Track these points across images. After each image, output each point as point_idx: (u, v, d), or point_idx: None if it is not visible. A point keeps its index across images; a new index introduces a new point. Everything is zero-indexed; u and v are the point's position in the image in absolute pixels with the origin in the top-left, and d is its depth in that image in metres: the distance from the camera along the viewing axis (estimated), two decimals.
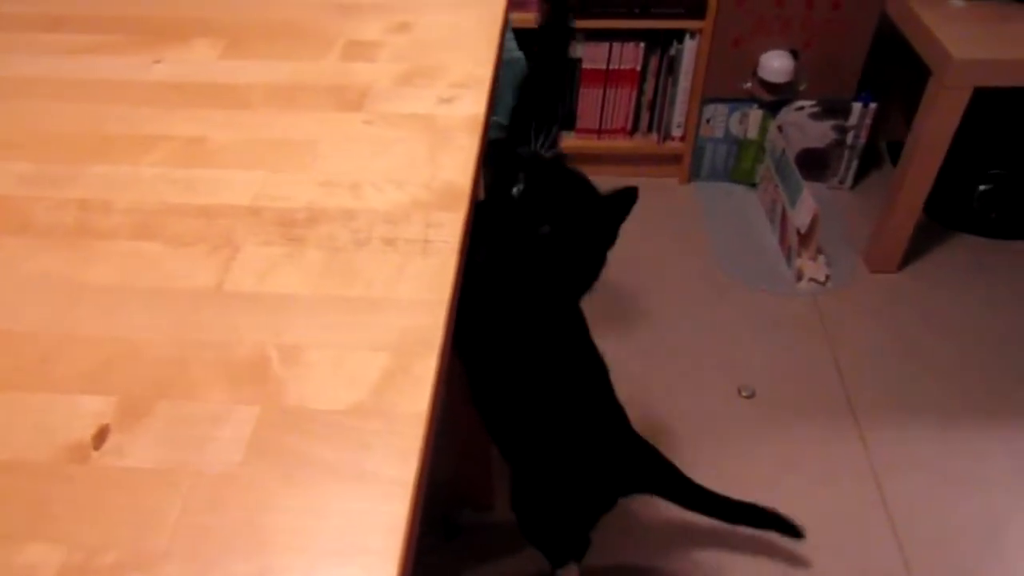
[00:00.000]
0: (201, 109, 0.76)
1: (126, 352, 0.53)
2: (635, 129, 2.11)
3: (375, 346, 0.52)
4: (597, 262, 0.94)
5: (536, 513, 1.19)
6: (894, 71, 2.04)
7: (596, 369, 1.06)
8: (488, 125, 0.74)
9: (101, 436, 0.47)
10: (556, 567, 1.27)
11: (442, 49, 0.84)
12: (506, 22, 0.89)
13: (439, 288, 0.55)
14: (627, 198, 0.92)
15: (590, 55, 1.97)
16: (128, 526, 0.43)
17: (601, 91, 2.03)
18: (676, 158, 2.13)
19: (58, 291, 0.57)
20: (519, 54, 1.39)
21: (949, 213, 2.03)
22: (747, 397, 1.63)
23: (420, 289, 0.56)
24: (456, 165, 0.67)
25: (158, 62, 0.83)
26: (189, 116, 0.75)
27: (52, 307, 0.56)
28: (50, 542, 0.42)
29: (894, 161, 2.15)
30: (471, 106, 0.74)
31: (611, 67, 1.99)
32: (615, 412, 1.10)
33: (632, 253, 2.00)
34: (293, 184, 0.66)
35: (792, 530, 1.28)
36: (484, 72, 0.79)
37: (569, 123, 2.09)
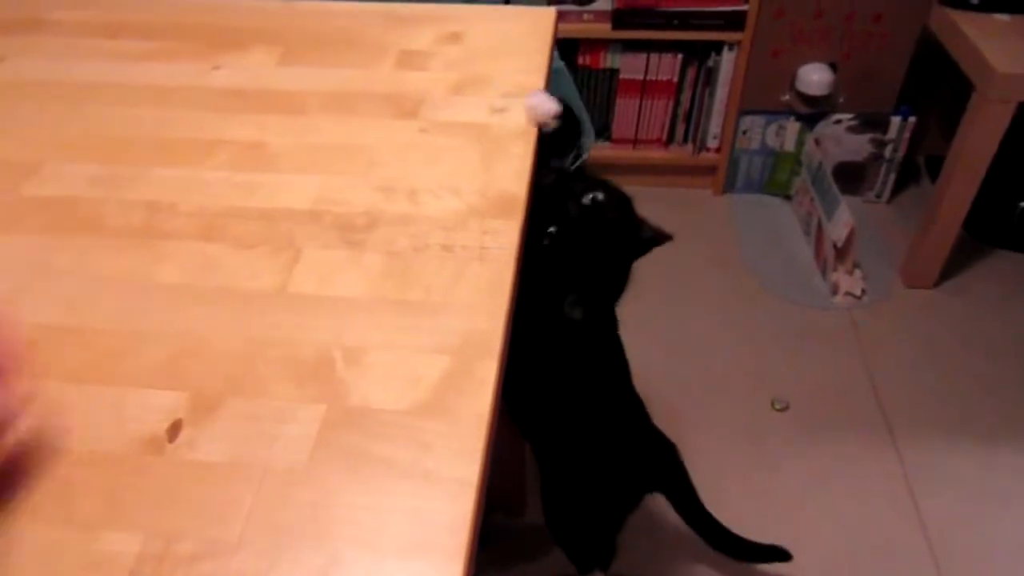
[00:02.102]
0: (260, 114, 0.78)
1: (195, 349, 0.54)
2: (671, 140, 2.12)
3: (435, 349, 0.53)
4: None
5: (563, 509, 1.20)
6: (934, 85, 2.03)
7: (621, 363, 1.07)
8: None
9: (175, 430, 0.49)
10: (582, 573, 1.27)
11: (493, 58, 0.85)
12: (555, 32, 0.91)
13: (497, 294, 0.57)
14: (660, 240, 0.91)
15: (628, 65, 1.98)
16: (202, 517, 0.45)
17: (638, 101, 2.04)
18: (711, 169, 2.13)
19: (128, 289, 0.59)
20: (560, 64, 1.40)
21: (988, 229, 2.00)
22: (780, 410, 1.63)
23: (478, 294, 0.57)
24: (510, 174, 0.68)
25: (217, 68, 0.86)
26: (248, 121, 0.77)
27: (123, 304, 0.58)
28: (128, 531, 0.44)
29: (932, 176, 2.13)
30: (521, 117, 0.75)
31: (648, 78, 2.00)
32: (637, 406, 1.11)
33: (666, 264, 2.00)
34: (351, 189, 0.68)
35: (781, 555, 1.27)
36: (535, 81, 0.80)
37: (605, 133, 2.10)
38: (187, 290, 0.59)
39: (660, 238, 0.94)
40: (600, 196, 0.83)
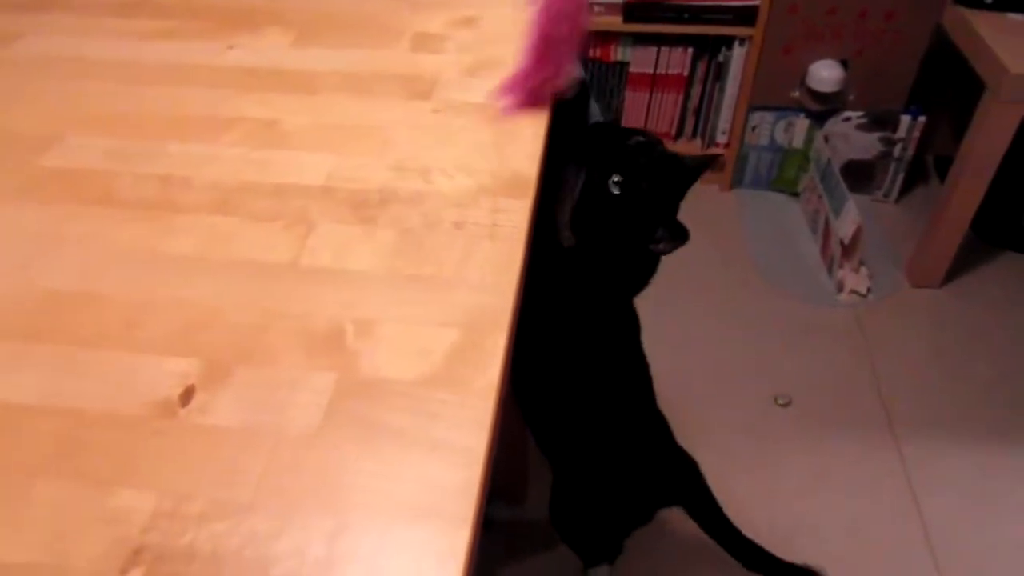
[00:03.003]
0: (274, 93, 0.79)
1: (207, 318, 0.55)
2: (679, 134, 2.12)
3: (446, 322, 0.54)
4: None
5: (573, 517, 1.20)
6: (945, 84, 2.02)
7: (642, 376, 1.07)
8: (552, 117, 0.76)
9: (187, 395, 0.50)
10: (588, 567, 1.28)
11: (506, 42, 0.85)
12: None
13: (507, 270, 0.57)
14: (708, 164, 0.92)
15: (638, 59, 1.98)
16: (213, 479, 0.45)
17: (647, 95, 2.04)
18: (719, 165, 2.13)
19: (142, 259, 0.60)
20: None
21: (996, 231, 2.00)
22: (783, 405, 1.63)
23: (488, 271, 0.57)
24: (522, 155, 0.69)
25: (231, 48, 0.86)
26: (263, 100, 0.78)
27: (137, 274, 0.59)
28: (141, 489, 0.45)
29: (941, 176, 2.13)
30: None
31: (658, 72, 2.00)
32: (658, 421, 1.11)
33: (671, 259, 2.00)
34: (365, 167, 0.68)
35: None
36: None
37: None
38: (201, 261, 0.60)
39: (708, 161, 0.94)
40: (641, 137, 0.85)
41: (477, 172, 0.67)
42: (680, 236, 0.89)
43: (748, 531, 1.37)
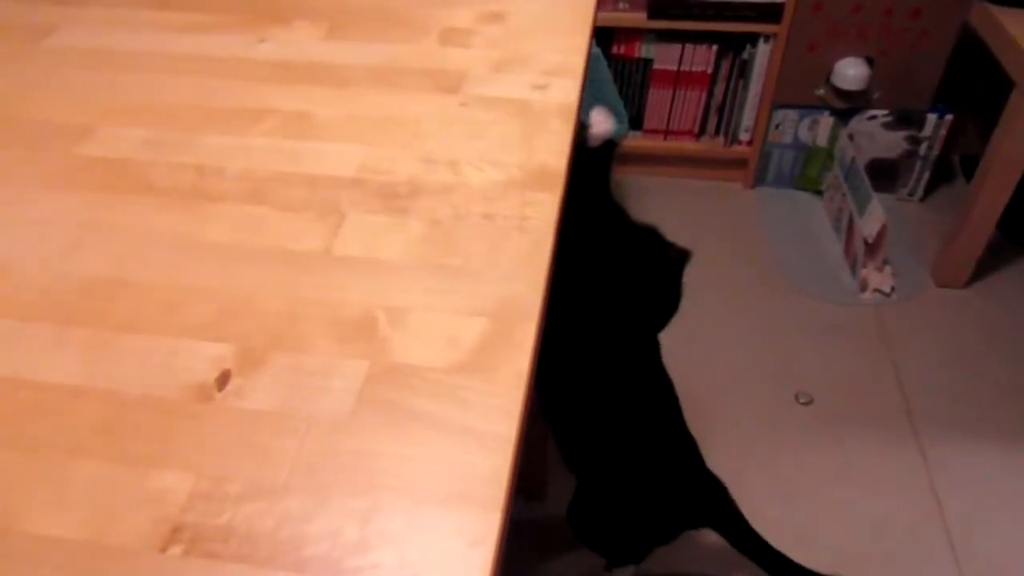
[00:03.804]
0: (305, 86, 0.80)
1: (241, 305, 0.56)
2: (702, 132, 2.12)
3: (475, 312, 0.54)
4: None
5: (595, 531, 1.21)
6: (971, 82, 2.00)
7: (670, 399, 1.08)
8: (580, 113, 0.76)
9: (224, 379, 0.51)
10: (612, 567, 1.28)
11: (534, 37, 0.86)
12: (595, 15, 0.91)
13: (536, 261, 0.58)
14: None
15: (661, 55, 1.98)
16: (250, 461, 0.46)
17: (671, 92, 2.04)
18: (742, 162, 2.13)
19: (177, 247, 0.61)
20: (597, 49, 1.41)
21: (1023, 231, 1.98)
22: (804, 404, 1.63)
23: (518, 262, 0.58)
24: (550, 149, 0.69)
25: (263, 41, 0.87)
26: (294, 92, 0.79)
27: (172, 261, 0.60)
28: (180, 470, 0.46)
29: (967, 175, 2.11)
30: (563, 93, 0.76)
31: (682, 68, 2.00)
32: (688, 444, 1.12)
33: (693, 257, 2.00)
34: (394, 159, 0.69)
35: None
36: (576, 61, 0.81)
37: (637, 123, 2.10)
38: (234, 249, 0.61)
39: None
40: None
41: (505, 165, 0.68)
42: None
43: (767, 528, 1.37)
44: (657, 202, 2.11)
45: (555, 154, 0.69)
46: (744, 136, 2.08)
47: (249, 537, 0.43)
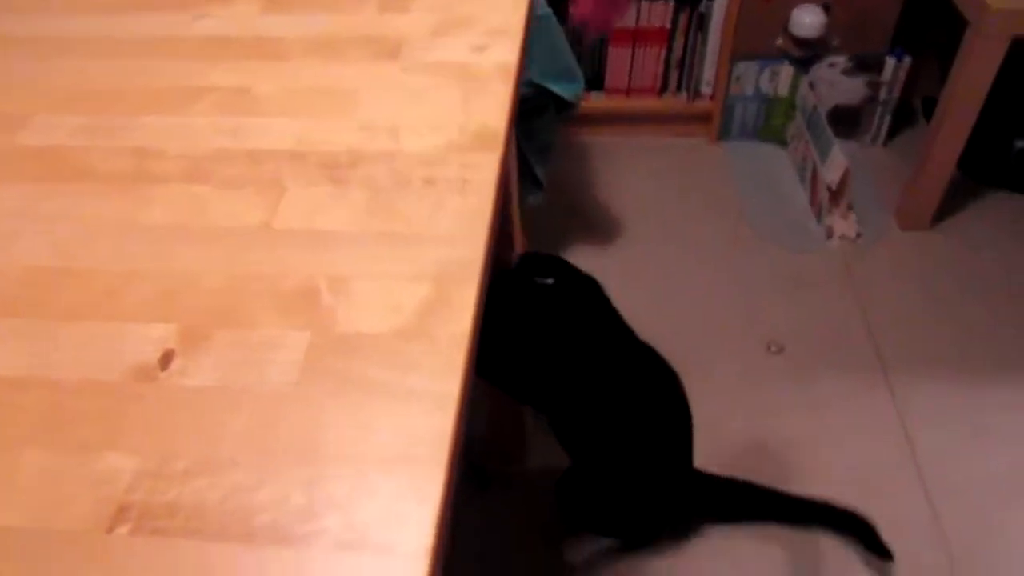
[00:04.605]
0: (244, 61, 0.79)
1: (184, 285, 0.56)
2: (664, 88, 2.11)
3: (418, 276, 0.55)
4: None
5: (582, 508, 1.27)
6: (929, 24, 2.01)
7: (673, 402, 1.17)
8: (521, 73, 0.76)
9: (166, 359, 0.51)
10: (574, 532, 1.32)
11: (472, 1, 0.85)
12: None
13: (477, 224, 0.58)
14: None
15: None
16: (195, 438, 0.47)
17: (630, 50, 2.03)
18: (705, 117, 2.12)
19: (119, 231, 0.61)
20: (548, 10, 1.39)
21: (985, 169, 2.00)
22: (776, 353, 1.65)
23: (459, 225, 0.58)
24: (490, 110, 0.69)
25: (200, 18, 0.86)
26: (233, 68, 0.78)
27: (114, 246, 0.60)
28: (125, 452, 0.46)
29: (928, 117, 2.12)
30: (503, 54, 0.76)
31: (639, 25, 1.98)
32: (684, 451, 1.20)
33: (662, 214, 2.01)
34: (335, 130, 0.69)
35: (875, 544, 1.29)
36: (516, 21, 0.80)
37: (598, 83, 2.09)
38: (176, 229, 0.61)
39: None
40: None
41: (446, 129, 0.67)
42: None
43: (744, 476, 1.40)
44: (623, 162, 2.11)
45: (495, 116, 0.68)
46: (706, 90, 2.08)
47: (197, 511, 0.43)
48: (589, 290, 1.07)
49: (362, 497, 0.43)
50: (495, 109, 0.69)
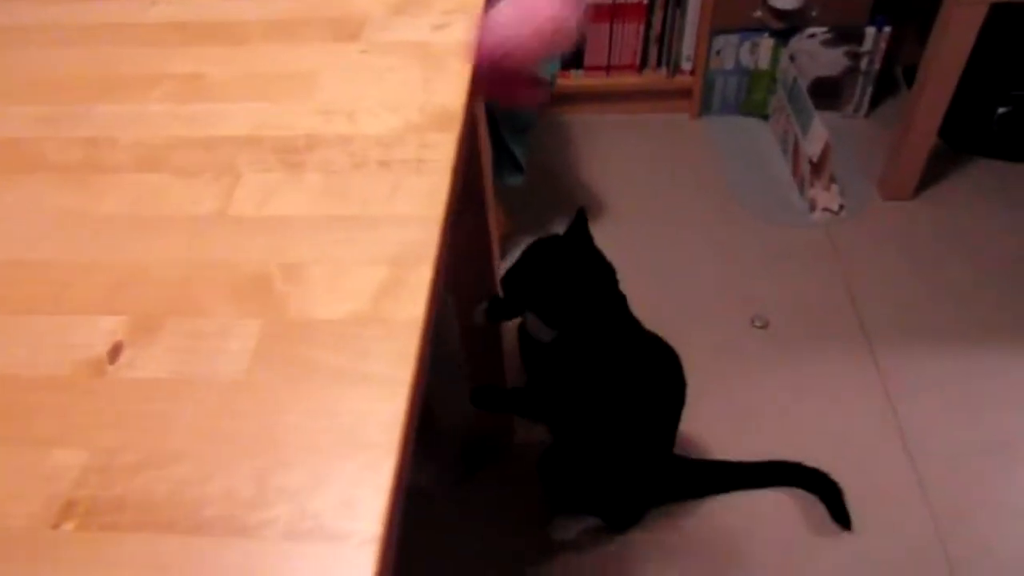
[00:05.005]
0: (201, 47, 0.77)
1: (136, 276, 0.55)
2: (644, 64, 2.09)
3: (372, 260, 0.54)
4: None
5: (568, 492, 1.28)
6: None
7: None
8: None
9: (115, 352, 0.50)
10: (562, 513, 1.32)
11: None
12: None
13: (433, 204, 0.57)
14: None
15: None
16: (144, 431, 0.46)
17: (608, 26, 2.00)
18: (686, 92, 2.11)
19: (71, 223, 0.60)
20: None
21: (967, 138, 1.99)
22: (760, 327, 1.64)
23: (415, 206, 0.57)
24: (449, 89, 0.68)
25: (155, 4, 0.84)
26: (189, 54, 0.76)
27: (66, 238, 0.59)
28: (74, 447, 0.45)
29: (911, 87, 2.11)
30: (463, 31, 0.74)
31: (617, 0, 1.96)
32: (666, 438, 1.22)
33: (645, 191, 2.00)
34: (291, 114, 0.68)
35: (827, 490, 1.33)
36: None
37: (577, 61, 2.07)
38: (130, 220, 0.60)
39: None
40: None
41: (404, 109, 0.66)
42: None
43: (729, 450, 1.41)
44: (604, 140, 2.09)
45: (454, 94, 0.67)
46: (686, 65, 2.06)
47: (145, 505, 0.42)
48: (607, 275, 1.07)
49: (313, 486, 0.43)
50: (454, 88, 0.68)
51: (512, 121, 1.50)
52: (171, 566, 0.40)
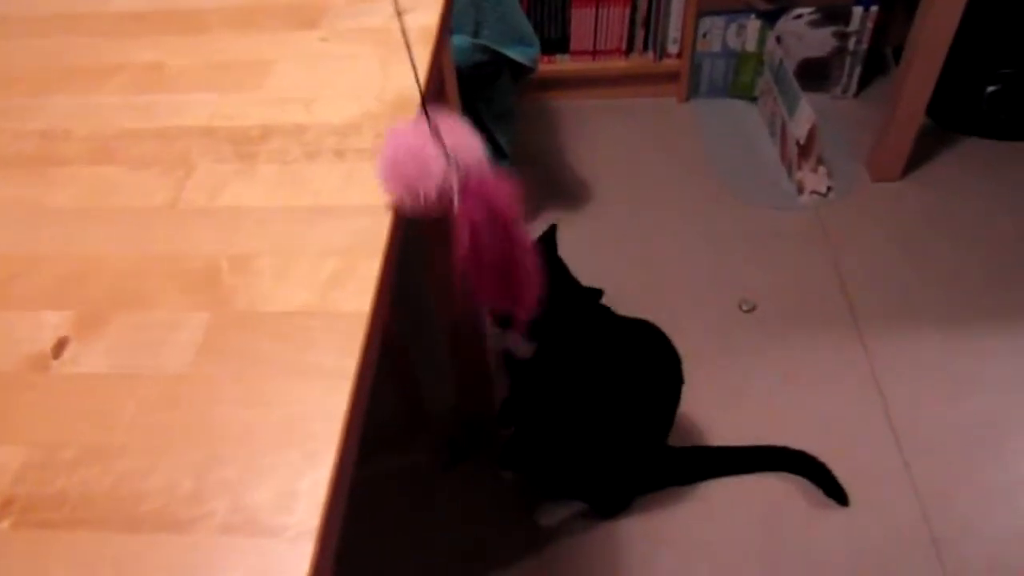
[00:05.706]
0: (159, 36, 0.76)
1: (85, 269, 0.54)
2: (631, 48, 2.07)
3: (322, 251, 0.53)
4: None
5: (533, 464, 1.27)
6: None
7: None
8: (444, 36, 0.74)
9: (60, 347, 0.49)
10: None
11: None
12: None
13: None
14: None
15: None
16: (86, 426, 0.45)
17: (593, 10, 1.99)
18: (673, 76, 2.09)
19: (22, 216, 0.59)
20: None
21: (955, 117, 1.98)
22: (748, 311, 1.64)
23: (368, 196, 0.56)
24: (407, 77, 0.67)
25: None
26: (148, 44, 0.76)
27: (16, 231, 0.58)
28: (14, 444, 0.45)
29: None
30: (424, 18, 0.73)
31: None
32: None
33: (632, 175, 1.99)
34: (248, 104, 0.67)
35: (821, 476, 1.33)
36: None
37: (563, 46, 2.06)
38: (81, 212, 0.59)
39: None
40: None
41: (362, 98, 0.65)
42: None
43: (719, 435, 1.40)
44: (592, 125, 2.08)
45: (412, 81, 0.66)
46: (673, 48, 2.04)
47: (83, 501, 0.42)
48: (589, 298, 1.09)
49: (252, 479, 0.42)
50: (412, 76, 0.67)
51: (492, 107, 1.49)
52: (102, 564, 0.39)
